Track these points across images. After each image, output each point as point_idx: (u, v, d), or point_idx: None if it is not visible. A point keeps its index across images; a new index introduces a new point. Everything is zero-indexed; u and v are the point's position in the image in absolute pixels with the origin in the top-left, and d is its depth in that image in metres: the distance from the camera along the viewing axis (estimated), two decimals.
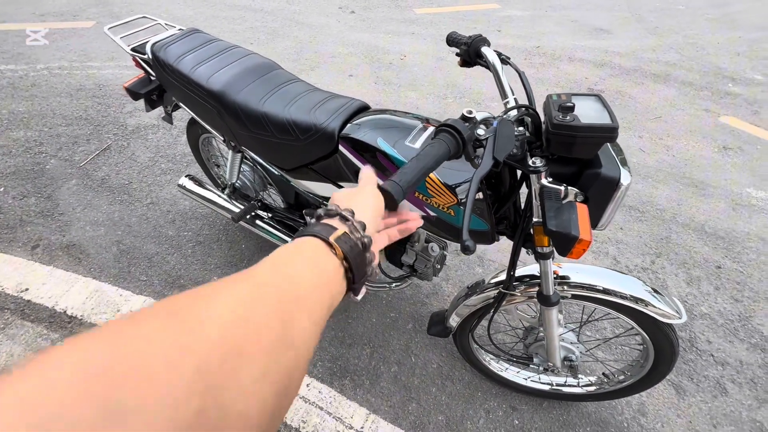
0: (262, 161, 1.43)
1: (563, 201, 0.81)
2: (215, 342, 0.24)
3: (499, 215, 1.01)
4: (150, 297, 1.67)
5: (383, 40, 3.84)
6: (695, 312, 1.73)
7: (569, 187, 0.82)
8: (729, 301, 1.77)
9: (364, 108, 1.19)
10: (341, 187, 1.22)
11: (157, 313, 0.25)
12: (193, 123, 1.66)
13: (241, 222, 1.57)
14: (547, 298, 1.04)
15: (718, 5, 4.88)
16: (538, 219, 0.90)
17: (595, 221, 0.85)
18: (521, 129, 0.83)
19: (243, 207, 1.57)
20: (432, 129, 1.02)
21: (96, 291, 1.65)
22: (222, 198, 1.63)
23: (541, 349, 1.27)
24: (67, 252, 1.86)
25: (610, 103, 0.79)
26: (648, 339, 1.10)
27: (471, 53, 0.99)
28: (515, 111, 0.83)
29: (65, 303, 1.59)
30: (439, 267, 1.33)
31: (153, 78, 1.49)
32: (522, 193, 0.97)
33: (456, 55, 1.04)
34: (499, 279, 1.14)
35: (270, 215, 1.61)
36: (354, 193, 0.48)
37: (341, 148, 1.10)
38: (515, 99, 0.91)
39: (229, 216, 1.59)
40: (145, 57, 1.40)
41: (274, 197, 1.71)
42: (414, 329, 1.65)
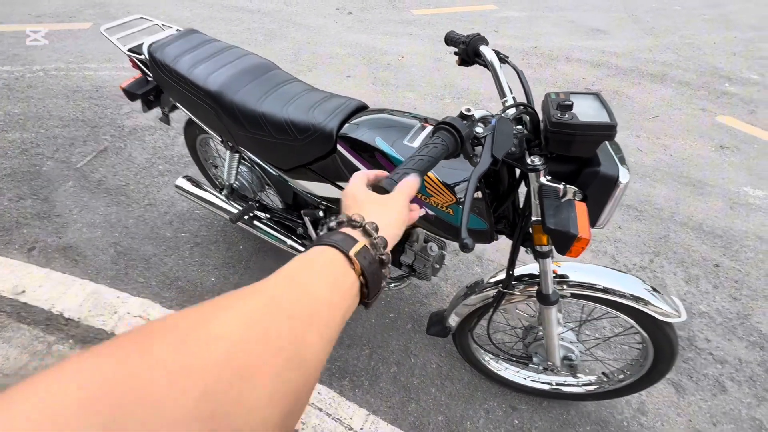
0: (260, 161, 1.43)
1: (562, 199, 0.81)
2: (222, 365, 0.24)
3: (498, 214, 1.01)
4: (147, 299, 1.66)
5: (381, 41, 3.85)
6: (694, 310, 1.73)
7: (568, 186, 0.82)
8: (727, 300, 1.78)
9: (362, 108, 1.19)
10: (340, 187, 1.22)
11: (165, 330, 0.24)
12: (191, 124, 1.66)
13: (239, 223, 1.57)
14: (547, 297, 1.04)
15: (713, 5, 4.90)
16: (537, 218, 0.90)
17: (594, 219, 0.85)
18: (520, 127, 0.83)
19: (241, 208, 1.56)
20: (430, 128, 1.02)
21: (93, 293, 1.64)
22: (220, 199, 1.62)
23: (541, 349, 1.27)
24: (64, 254, 1.85)
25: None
26: (647, 338, 1.10)
27: (469, 52, 0.99)
28: (514, 109, 0.83)
29: (62, 305, 1.58)
30: (438, 267, 1.33)
31: (150, 79, 1.48)
32: (521, 192, 0.97)
33: (454, 54, 1.04)
34: (498, 278, 1.14)
35: (268, 216, 1.60)
36: (383, 203, 0.45)
37: (339, 147, 1.09)
38: (513, 98, 0.91)
39: (227, 217, 1.58)
40: (142, 57, 1.39)
41: (272, 198, 1.70)
42: (413, 329, 1.64)
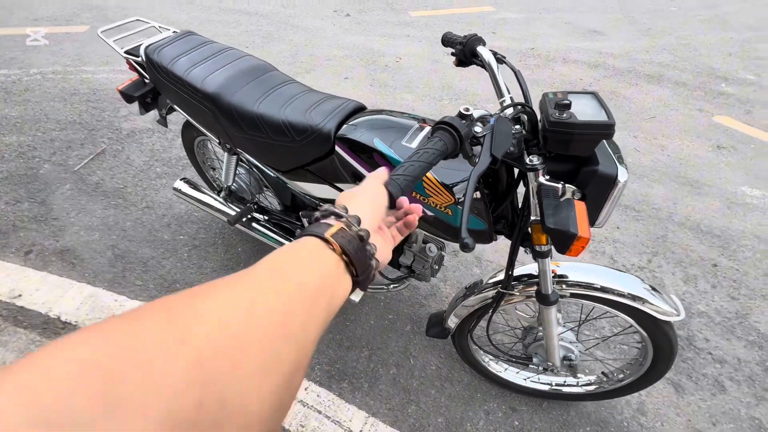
0: (257, 163, 1.43)
1: (561, 199, 0.81)
2: (213, 334, 0.24)
3: (497, 214, 1.01)
4: (145, 302, 1.65)
5: (378, 42, 3.85)
6: (693, 310, 1.73)
7: (567, 185, 0.82)
8: (726, 299, 1.78)
9: (360, 109, 1.19)
10: (338, 189, 1.21)
11: (155, 309, 0.25)
12: (188, 126, 1.65)
13: (238, 225, 1.56)
14: (546, 297, 1.03)
15: (709, 6, 4.93)
16: (536, 217, 0.90)
17: (593, 218, 0.85)
18: (518, 127, 0.83)
19: (239, 210, 1.56)
20: (428, 128, 1.02)
21: (90, 296, 1.63)
22: (218, 201, 1.62)
23: (540, 349, 1.27)
24: (61, 257, 1.84)
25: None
26: (647, 337, 1.10)
27: (466, 53, 1.00)
28: (512, 109, 0.83)
29: (59, 309, 1.57)
30: (437, 268, 1.32)
31: (147, 81, 1.48)
32: (519, 192, 0.97)
33: (452, 55, 1.04)
34: (497, 279, 1.14)
35: (266, 218, 1.60)
36: (354, 191, 0.47)
37: (338, 148, 1.09)
38: (511, 97, 0.91)
39: (225, 219, 1.58)
40: (139, 60, 1.39)
41: (270, 200, 1.70)
42: (412, 331, 1.64)
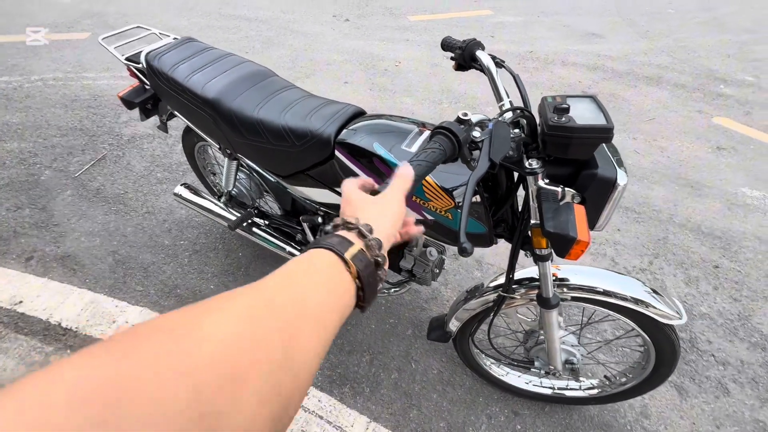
0: (258, 168, 1.43)
1: (560, 202, 0.81)
2: (212, 365, 0.24)
3: (497, 218, 1.01)
4: (146, 308, 1.65)
5: (378, 47, 3.87)
6: (695, 312, 1.73)
7: (566, 189, 0.82)
8: (728, 301, 1.77)
9: (359, 113, 1.19)
10: (338, 193, 1.22)
11: (157, 330, 0.24)
12: (189, 131, 1.66)
13: (238, 230, 1.56)
14: (547, 300, 1.03)
15: (707, 8, 4.95)
16: (535, 221, 0.90)
17: (593, 222, 0.85)
18: (517, 131, 0.83)
19: (239, 215, 1.56)
20: (428, 133, 1.02)
21: (91, 302, 1.63)
22: (218, 206, 1.62)
23: (542, 353, 1.27)
24: (62, 263, 1.84)
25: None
26: (649, 340, 1.09)
27: (466, 57, 1.00)
28: (510, 113, 0.83)
29: (60, 315, 1.57)
30: (438, 271, 1.32)
31: (148, 87, 1.48)
32: (519, 196, 0.97)
33: (451, 59, 1.05)
34: (498, 282, 1.14)
35: (267, 222, 1.60)
36: (378, 202, 0.45)
37: (337, 153, 1.09)
38: (510, 101, 0.91)
39: (226, 224, 1.58)
40: (140, 66, 1.39)
41: (270, 204, 1.70)
42: (413, 335, 1.63)
